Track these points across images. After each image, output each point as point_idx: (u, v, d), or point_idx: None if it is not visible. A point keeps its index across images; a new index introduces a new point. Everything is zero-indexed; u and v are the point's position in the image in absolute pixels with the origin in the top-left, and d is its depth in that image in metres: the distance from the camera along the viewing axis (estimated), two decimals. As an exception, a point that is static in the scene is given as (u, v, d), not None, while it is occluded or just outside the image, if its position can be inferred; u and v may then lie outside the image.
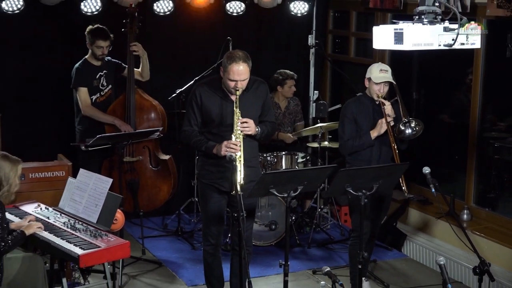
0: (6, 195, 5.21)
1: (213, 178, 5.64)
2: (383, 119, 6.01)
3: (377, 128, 6.04)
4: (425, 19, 3.83)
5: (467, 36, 3.79)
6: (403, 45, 3.77)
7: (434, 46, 3.76)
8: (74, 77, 7.05)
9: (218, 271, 5.91)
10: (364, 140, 6.06)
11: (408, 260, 7.38)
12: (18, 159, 5.32)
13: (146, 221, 8.02)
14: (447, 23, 3.82)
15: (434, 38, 3.77)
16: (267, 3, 8.16)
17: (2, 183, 5.16)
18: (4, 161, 5.19)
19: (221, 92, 5.55)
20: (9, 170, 5.18)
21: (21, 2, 7.14)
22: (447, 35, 3.76)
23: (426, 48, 3.77)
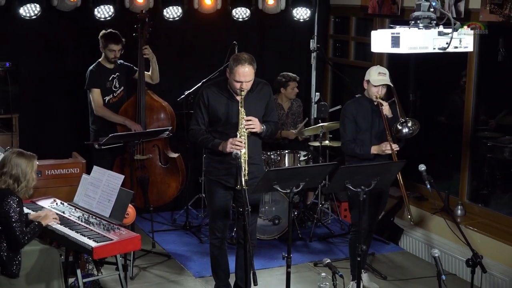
0: (25, 190, 5.25)
1: (219, 175, 5.67)
2: (387, 144, 6.01)
3: (378, 149, 6.07)
4: (421, 24, 3.85)
5: (460, 40, 3.82)
6: (400, 48, 3.79)
7: (429, 49, 3.79)
8: (88, 79, 7.09)
9: (224, 263, 5.94)
10: (364, 151, 6.08)
11: (405, 253, 7.40)
12: (33, 154, 5.36)
13: (156, 216, 8.05)
14: (442, 28, 3.84)
15: (429, 42, 3.79)
16: (271, 9, 8.18)
17: (20, 179, 5.19)
18: (20, 158, 5.23)
19: (227, 92, 5.59)
20: (25, 166, 5.22)
21: (38, 8, 7.19)
22: (441, 39, 3.78)
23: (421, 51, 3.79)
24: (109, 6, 7.43)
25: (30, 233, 5.18)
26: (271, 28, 8.59)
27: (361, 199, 5.37)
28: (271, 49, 8.67)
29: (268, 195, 7.51)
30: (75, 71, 7.57)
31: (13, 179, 5.17)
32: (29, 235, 5.16)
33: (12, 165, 5.18)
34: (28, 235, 5.16)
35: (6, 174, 5.18)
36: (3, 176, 5.19)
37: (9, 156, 5.24)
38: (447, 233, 6.95)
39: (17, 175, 5.18)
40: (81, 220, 5.52)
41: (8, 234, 5.10)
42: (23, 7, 7.14)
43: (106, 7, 7.42)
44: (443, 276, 4.68)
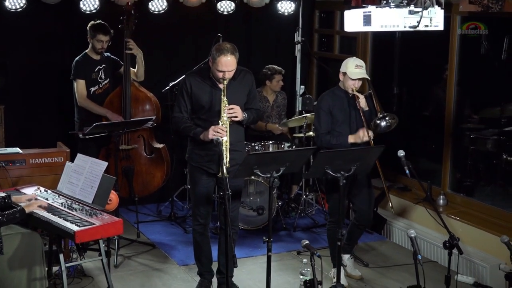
0: None
1: (202, 162, 5.73)
2: (364, 130, 6.02)
3: (356, 137, 6.07)
4: (392, 3, 3.93)
5: (431, 19, 3.89)
6: (371, 26, 3.86)
7: (399, 27, 3.86)
8: (74, 69, 7.14)
9: (207, 249, 5.99)
10: (341, 141, 6.06)
11: (388, 242, 7.47)
12: None
13: (142, 208, 8.11)
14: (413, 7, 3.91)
15: (399, 20, 3.86)
16: (256, 2, 8.23)
17: None
18: None
19: (210, 80, 5.65)
20: None
21: (23, 1, 7.19)
22: (412, 18, 3.85)
23: (392, 29, 3.86)
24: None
25: (10, 216, 5.16)
26: (256, 21, 8.65)
27: (341, 184, 5.43)
28: (257, 42, 8.74)
29: (252, 186, 7.58)
30: (61, 64, 7.62)
31: None
32: (6, 218, 5.12)
33: None
34: (6, 217, 5.11)
35: None
36: None
37: None
38: (429, 223, 7.02)
39: None
40: (64, 206, 5.55)
41: None
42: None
43: (91, 0, 7.46)
44: (419, 256, 4.74)
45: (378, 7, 3.87)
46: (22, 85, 7.67)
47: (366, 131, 6.02)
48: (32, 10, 7.37)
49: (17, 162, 6.30)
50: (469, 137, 7.59)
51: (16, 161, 6.30)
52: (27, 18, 7.47)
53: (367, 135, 6.03)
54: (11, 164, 6.27)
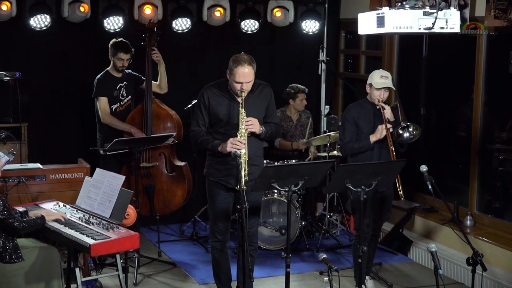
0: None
1: (220, 176, 5.66)
2: (382, 125, 6.02)
3: (376, 133, 6.06)
4: (407, 5, 3.85)
5: (447, 21, 3.80)
6: (385, 28, 3.79)
7: (414, 29, 3.78)
8: (95, 87, 7.15)
9: (226, 266, 5.89)
10: (363, 143, 6.07)
11: (413, 263, 7.31)
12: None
13: (165, 228, 8.08)
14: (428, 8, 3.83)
15: (414, 22, 3.78)
16: (280, 21, 8.23)
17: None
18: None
19: (228, 93, 5.60)
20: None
21: (48, 19, 7.30)
22: (427, 19, 3.77)
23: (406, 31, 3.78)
24: (118, 18, 7.52)
25: (30, 222, 5.19)
26: (280, 40, 8.62)
27: (362, 199, 5.33)
28: (280, 61, 8.70)
29: (275, 206, 7.49)
30: (84, 81, 7.64)
31: None
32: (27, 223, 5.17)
33: None
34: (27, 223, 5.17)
35: None
36: None
37: None
38: (456, 244, 6.89)
39: None
40: (82, 220, 5.53)
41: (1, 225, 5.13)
42: (34, 18, 7.27)
43: (115, 18, 7.52)
44: (440, 270, 4.60)
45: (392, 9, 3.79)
46: (45, 102, 7.71)
47: (385, 124, 5.94)
48: (57, 28, 7.48)
49: (38, 177, 6.30)
50: (498, 158, 7.43)
51: (37, 177, 6.30)
52: (51, 36, 7.54)
53: (386, 129, 5.96)
54: (32, 180, 6.28)
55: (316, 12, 8.32)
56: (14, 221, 5.12)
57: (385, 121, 6.02)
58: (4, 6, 7.08)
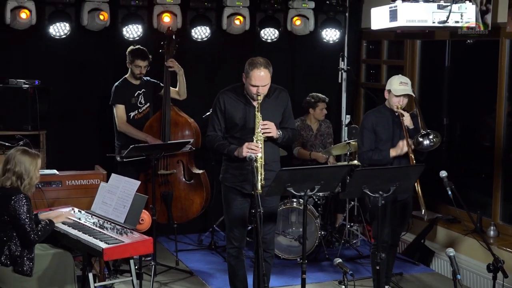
0: (28, 188, 5.24)
1: (236, 181, 5.58)
2: (404, 141, 5.86)
3: (397, 149, 5.89)
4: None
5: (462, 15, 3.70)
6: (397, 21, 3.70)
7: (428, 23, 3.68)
8: (113, 94, 7.13)
9: (242, 274, 5.80)
10: (383, 156, 5.91)
11: (435, 274, 7.17)
12: (37, 153, 5.39)
13: (183, 238, 8.02)
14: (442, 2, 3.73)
15: (428, 15, 3.68)
16: (300, 30, 8.17)
17: (23, 176, 5.19)
18: (24, 156, 5.24)
19: (244, 98, 5.54)
20: (29, 164, 5.22)
21: (67, 28, 7.32)
22: (441, 13, 3.67)
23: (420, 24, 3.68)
24: (137, 26, 7.52)
25: (41, 231, 5.16)
26: (300, 49, 8.54)
27: (380, 205, 5.22)
28: (301, 70, 8.61)
29: (294, 215, 7.39)
30: (102, 89, 7.62)
31: (16, 176, 5.18)
32: (40, 233, 5.14)
33: (15, 162, 5.20)
34: (39, 232, 5.14)
35: (10, 171, 5.19)
36: (7, 172, 5.20)
37: (13, 154, 5.26)
38: (479, 255, 6.75)
39: (20, 172, 5.19)
40: (96, 225, 5.48)
41: (19, 232, 5.09)
42: (53, 26, 7.29)
43: (134, 26, 7.52)
44: (458, 275, 4.48)
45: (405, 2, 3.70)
46: (64, 110, 7.69)
47: (406, 140, 5.80)
48: (76, 36, 7.49)
49: (54, 183, 6.27)
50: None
51: (53, 183, 6.27)
52: (70, 44, 7.55)
53: (406, 145, 5.81)
54: (48, 186, 6.24)
55: (337, 21, 8.25)
56: (33, 233, 5.09)
57: (404, 130, 5.88)
58: (24, 14, 7.09)
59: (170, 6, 7.59)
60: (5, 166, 5.25)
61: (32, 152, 5.33)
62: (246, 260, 6.35)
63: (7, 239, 5.10)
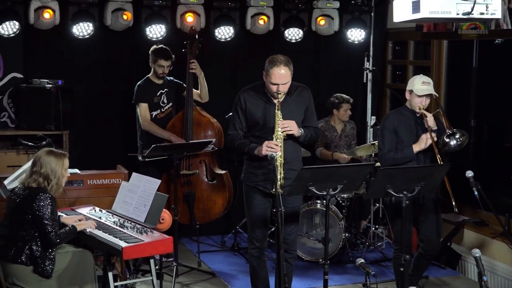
0: (56, 188, 5.20)
1: (257, 181, 5.50)
2: (427, 134, 5.65)
3: (420, 143, 5.67)
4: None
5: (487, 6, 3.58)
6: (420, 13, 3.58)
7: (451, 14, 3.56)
8: (136, 93, 7.09)
9: (264, 275, 5.71)
10: (405, 153, 5.68)
11: (461, 278, 7.02)
12: (64, 152, 5.34)
13: (206, 239, 7.96)
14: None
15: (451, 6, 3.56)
16: (324, 30, 8.07)
17: (49, 177, 5.15)
18: (49, 156, 5.20)
19: (265, 96, 5.46)
20: (55, 164, 5.18)
21: (91, 28, 7.29)
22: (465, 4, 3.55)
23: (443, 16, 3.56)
24: (161, 26, 7.46)
25: (63, 234, 5.12)
26: (325, 49, 8.43)
27: (404, 205, 5.10)
28: (325, 70, 8.50)
29: (318, 217, 7.28)
30: (126, 89, 7.56)
31: (43, 178, 5.13)
32: (62, 236, 5.11)
33: (42, 164, 5.16)
34: (62, 235, 5.10)
35: (37, 173, 5.15)
36: (34, 174, 5.16)
37: (39, 155, 5.22)
38: (507, 258, 6.59)
39: (47, 173, 5.15)
40: (116, 224, 5.44)
41: (41, 232, 5.05)
42: (77, 26, 7.25)
43: (158, 26, 7.46)
44: (484, 277, 4.35)
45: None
46: (87, 110, 7.67)
47: (430, 135, 5.62)
48: (99, 36, 7.47)
49: (75, 182, 6.23)
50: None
51: (74, 182, 6.23)
52: (94, 44, 7.53)
53: (430, 138, 5.61)
54: (69, 185, 6.18)
55: (362, 21, 8.13)
56: (55, 234, 5.05)
57: (429, 131, 5.71)
58: (47, 14, 7.07)
59: (193, 6, 7.54)
60: (32, 169, 5.22)
61: (58, 152, 5.29)
62: (269, 262, 6.29)
63: (28, 239, 5.06)
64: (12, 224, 5.12)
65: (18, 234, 5.07)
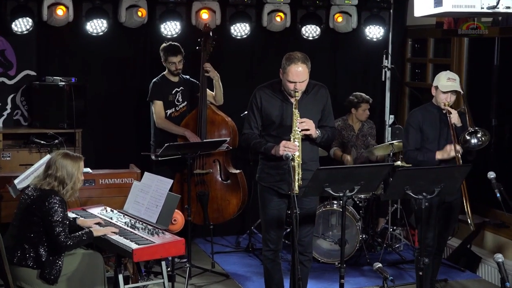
0: (71, 193, 5.03)
1: (273, 181, 5.32)
2: (451, 145, 5.54)
3: (443, 153, 5.58)
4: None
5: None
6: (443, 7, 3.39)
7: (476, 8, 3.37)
8: (151, 90, 6.96)
9: (278, 278, 5.53)
10: (428, 157, 5.60)
11: (481, 281, 6.82)
12: (80, 155, 5.17)
13: (221, 239, 7.82)
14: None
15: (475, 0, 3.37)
16: (342, 27, 7.89)
17: (65, 181, 4.99)
18: (66, 159, 5.03)
19: (281, 94, 5.28)
20: (71, 168, 5.01)
21: (105, 25, 7.16)
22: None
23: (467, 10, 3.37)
24: (175, 23, 7.32)
25: (76, 238, 4.94)
26: (343, 47, 8.24)
27: (423, 207, 4.91)
28: (343, 68, 8.31)
29: (334, 218, 7.11)
30: (140, 87, 7.44)
31: (58, 181, 4.97)
32: (74, 240, 4.92)
33: (57, 167, 4.99)
34: (74, 239, 4.92)
35: (51, 176, 4.98)
36: (48, 177, 5.00)
37: (54, 158, 5.05)
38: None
39: (62, 177, 4.97)
40: (127, 225, 5.30)
41: (50, 235, 4.90)
42: (90, 23, 7.13)
43: (172, 23, 7.32)
44: (507, 283, 4.15)
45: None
46: (100, 108, 7.54)
47: (454, 145, 5.47)
48: (113, 33, 7.33)
49: (87, 182, 6.07)
50: None
51: (86, 181, 6.05)
52: (108, 41, 7.39)
53: (454, 150, 5.48)
54: (81, 184, 6.06)
55: (381, 18, 7.92)
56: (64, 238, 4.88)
57: (452, 129, 5.56)
58: (60, 10, 6.95)
59: (209, 2, 7.40)
60: (46, 171, 5.05)
61: (74, 154, 5.12)
62: (284, 264, 6.13)
63: (36, 242, 4.91)
64: (20, 225, 4.98)
65: (25, 236, 4.92)
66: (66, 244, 4.91)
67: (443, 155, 5.56)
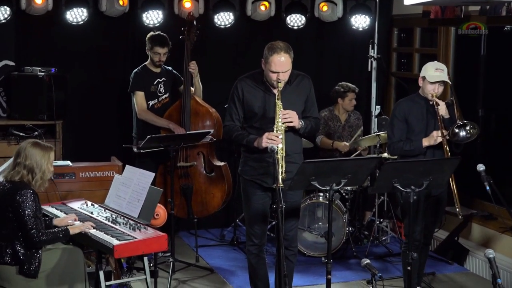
0: (40, 183, 4.86)
1: (256, 174, 5.19)
2: (438, 131, 5.42)
3: (430, 139, 5.45)
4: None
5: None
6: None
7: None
8: (132, 81, 6.80)
9: (263, 273, 5.41)
10: (414, 146, 5.47)
11: (469, 274, 6.72)
12: (50, 145, 4.98)
13: (205, 233, 7.67)
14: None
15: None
16: (327, 16, 7.75)
17: (34, 170, 4.81)
18: (35, 148, 4.85)
19: (263, 85, 5.14)
20: (40, 157, 4.83)
21: (85, 13, 6.99)
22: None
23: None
24: (158, 12, 7.16)
25: (50, 235, 4.76)
26: (328, 36, 8.09)
27: (411, 201, 4.80)
28: (329, 58, 8.17)
29: (320, 210, 6.98)
30: (121, 78, 7.26)
31: (27, 170, 4.79)
32: (47, 236, 4.73)
33: (26, 155, 4.81)
34: (48, 235, 4.74)
35: (20, 164, 4.80)
36: (17, 166, 4.82)
37: (24, 146, 4.88)
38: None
39: (31, 165, 4.80)
40: (108, 220, 5.13)
41: (22, 230, 4.71)
42: (70, 12, 6.96)
43: (155, 12, 7.16)
44: (499, 279, 4.03)
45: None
46: (81, 99, 7.36)
47: (441, 131, 5.35)
48: (94, 23, 7.16)
49: (67, 175, 5.96)
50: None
51: (66, 175, 5.96)
52: (88, 31, 7.21)
53: (441, 135, 5.36)
54: (61, 177, 5.93)
55: (367, 7, 7.77)
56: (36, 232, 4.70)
57: (439, 121, 5.43)
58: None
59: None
60: (16, 160, 4.87)
61: (44, 144, 4.94)
62: (269, 257, 6.00)
63: (11, 238, 4.73)
64: None
65: (0, 233, 4.75)
66: (40, 240, 4.71)
67: (429, 141, 5.44)
